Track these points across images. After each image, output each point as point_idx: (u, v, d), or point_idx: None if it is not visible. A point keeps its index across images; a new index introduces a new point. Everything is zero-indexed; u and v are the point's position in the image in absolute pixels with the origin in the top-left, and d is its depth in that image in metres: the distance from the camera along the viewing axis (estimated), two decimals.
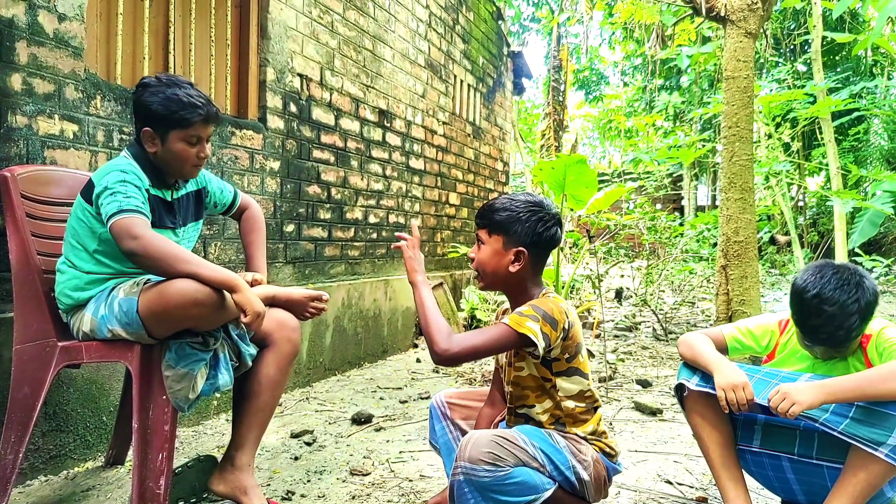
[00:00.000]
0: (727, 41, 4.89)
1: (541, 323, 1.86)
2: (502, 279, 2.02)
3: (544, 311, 1.89)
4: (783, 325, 2.20)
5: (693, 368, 2.13)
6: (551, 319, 1.88)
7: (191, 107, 2.17)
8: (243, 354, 2.26)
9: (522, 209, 1.98)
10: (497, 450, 1.79)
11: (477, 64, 7.39)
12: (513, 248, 1.97)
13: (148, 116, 2.18)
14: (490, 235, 2.00)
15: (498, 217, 1.98)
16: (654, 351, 5.59)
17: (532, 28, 22.30)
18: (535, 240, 1.98)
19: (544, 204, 2.02)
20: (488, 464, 1.77)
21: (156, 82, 2.19)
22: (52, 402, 2.59)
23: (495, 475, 1.77)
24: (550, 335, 1.87)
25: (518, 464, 1.81)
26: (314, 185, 4.38)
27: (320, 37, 4.39)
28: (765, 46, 13.54)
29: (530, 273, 2.02)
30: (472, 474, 1.78)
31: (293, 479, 2.64)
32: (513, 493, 1.79)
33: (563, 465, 1.89)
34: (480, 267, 2.03)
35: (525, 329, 1.84)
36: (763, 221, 12.83)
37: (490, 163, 7.87)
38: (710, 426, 2.10)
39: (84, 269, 2.18)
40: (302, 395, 4.01)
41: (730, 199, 4.83)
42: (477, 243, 2.05)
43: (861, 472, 1.85)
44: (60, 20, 2.64)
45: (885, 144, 13.33)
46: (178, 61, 3.41)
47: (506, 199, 2.02)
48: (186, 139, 2.20)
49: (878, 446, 1.79)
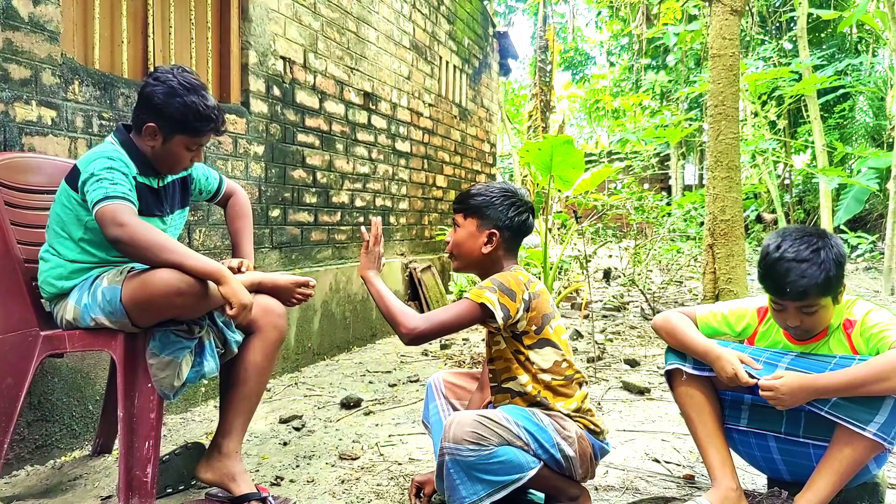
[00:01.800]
0: (713, 19, 4.87)
1: (498, 294, 1.94)
2: (476, 260, 2.12)
3: (501, 282, 1.98)
4: (762, 313, 2.14)
5: (684, 353, 2.12)
6: (508, 290, 1.96)
7: (206, 119, 2.16)
8: (229, 341, 2.25)
9: (497, 194, 2.11)
10: (481, 429, 1.83)
11: (462, 45, 7.34)
12: (486, 230, 2.09)
13: (158, 115, 2.13)
14: (465, 218, 2.12)
15: (473, 201, 2.12)
16: (642, 330, 5.62)
17: (518, 8, 22.16)
18: (508, 223, 2.09)
19: (518, 192, 2.15)
20: (472, 443, 1.80)
21: (174, 82, 2.12)
22: (36, 391, 2.57)
23: (479, 454, 1.80)
24: (509, 306, 1.94)
25: (502, 443, 1.84)
26: (299, 170, 4.35)
27: (303, 19, 4.34)
28: (750, 24, 13.52)
29: (503, 255, 2.12)
30: (456, 454, 1.81)
31: (282, 464, 2.64)
32: (498, 471, 1.82)
33: (548, 443, 1.92)
34: (456, 248, 2.15)
35: (483, 299, 1.93)
36: (750, 199, 12.88)
37: (477, 144, 7.85)
38: (699, 406, 2.11)
39: (68, 257, 2.15)
40: (291, 380, 4.00)
41: (716, 177, 4.84)
42: (453, 227, 2.17)
43: (846, 449, 1.87)
44: (35, 4, 2.58)
45: (870, 121, 13.38)
46: (158, 45, 3.36)
47: (482, 185, 2.16)
48: (189, 145, 2.20)
49: (866, 425, 1.81)
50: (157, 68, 2.21)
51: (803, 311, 1.92)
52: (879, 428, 1.80)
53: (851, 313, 1.99)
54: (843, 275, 1.92)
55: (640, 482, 2.45)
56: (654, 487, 2.40)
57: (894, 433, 1.82)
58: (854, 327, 1.97)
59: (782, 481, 2.18)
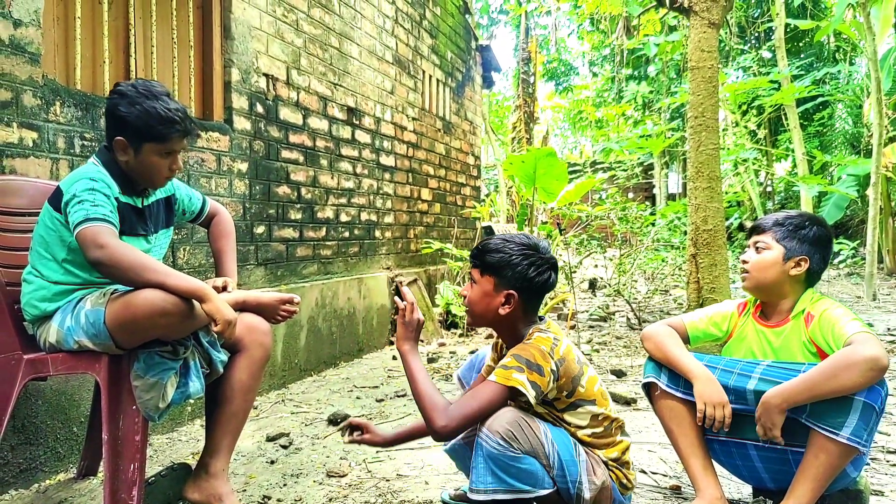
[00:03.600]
0: (691, 32, 4.93)
1: (526, 373, 1.86)
2: (491, 320, 2.03)
3: (527, 359, 1.88)
4: (741, 308, 2.30)
5: (660, 365, 2.17)
6: (536, 366, 1.87)
7: (169, 122, 2.14)
8: (214, 361, 2.24)
9: (516, 252, 1.97)
10: (517, 431, 1.82)
11: (445, 59, 7.38)
12: (503, 290, 1.98)
13: (122, 126, 2.13)
14: (482, 276, 2.01)
15: (490, 259, 1.99)
16: (627, 340, 5.65)
17: (501, 20, 22.33)
18: (527, 284, 1.98)
19: (539, 247, 2.01)
20: (504, 439, 1.80)
21: (133, 92, 2.14)
22: (20, 414, 2.55)
23: (505, 452, 1.80)
24: (539, 382, 1.87)
25: (531, 452, 1.83)
26: (284, 186, 4.35)
27: (285, 36, 4.35)
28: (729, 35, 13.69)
29: (521, 315, 2.02)
30: (486, 441, 1.81)
31: (269, 483, 2.63)
32: (515, 475, 1.81)
33: (571, 477, 1.88)
34: (471, 306, 2.04)
35: (513, 382, 1.85)
36: (732, 208, 13.01)
37: (461, 157, 7.88)
38: (678, 417, 2.14)
39: (52, 279, 2.14)
40: (277, 397, 3.99)
41: (697, 188, 4.88)
42: (469, 281, 2.06)
43: (822, 454, 1.90)
44: (16, 26, 2.58)
45: (849, 129, 13.56)
46: (140, 64, 3.36)
47: (500, 240, 2.02)
48: (161, 153, 2.18)
49: (839, 429, 1.85)
50: (119, 83, 2.20)
51: (756, 246, 2.17)
52: (851, 431, 1.85)
53: (813, 308, 2.10)
54: (807, 248, 2.11)
55: None
56: (640, 499, 2.41)
57: (867, 435, 1.87)
58: (813, 321, 2.07)
59: (766, 490, 2.21)
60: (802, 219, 2.15)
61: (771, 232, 2.15)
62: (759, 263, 2.15)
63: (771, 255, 2.13)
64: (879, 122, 8.18)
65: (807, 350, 2.07)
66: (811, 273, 2.13)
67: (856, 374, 1.82)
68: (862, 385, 1.83)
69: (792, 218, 2.16)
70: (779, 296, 2.16)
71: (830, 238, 2.17)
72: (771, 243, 2.14)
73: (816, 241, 2.12)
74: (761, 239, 2.16)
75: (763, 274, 2.14)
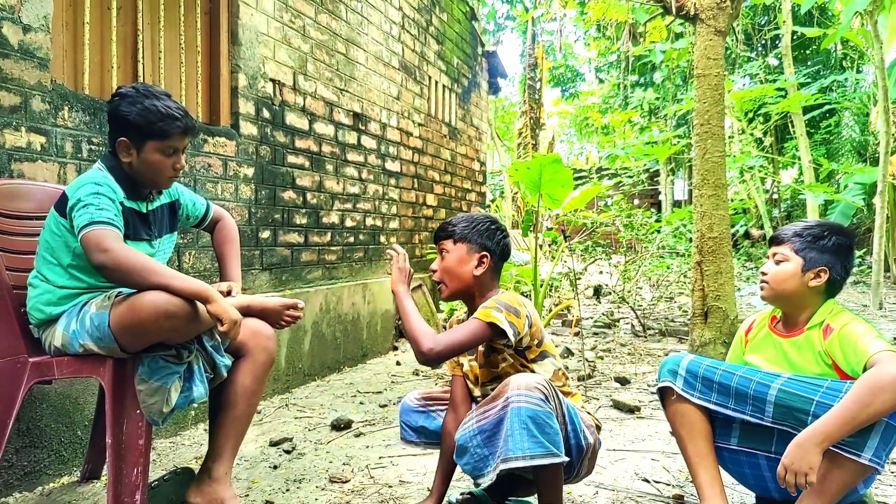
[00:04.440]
0: (697, 39, 4.93)
1: (504, 313, 2.04)
2: (466, 284, 2.21)
3: (505, 302, 2.08)
4: (749, 327, 2.32)
5: (676, 371, 2.14)
6: (513, 309, 2.06)
7: (170, 118, 2.17)
8: (218, 366, 2.25)
9: (481, 220, 2.24)
10: (549, 390, 1.92)
11: (451, 65, 7.40)
12: (476, 253, 2.19)
13: (125, 126, 2.16)
14: (455, 244, 2.21)
15: (461, 227, 2.21)
16: (632, 348, 5.64)
17: (507, 26, 22.36)
18: (494, 247, 2.21)
19: (496, 219, 2.30)
20: (542, 395, 1.88)
21: (133, 92, 2.18)
22: (24, 417, 2.56)
23: (544, 409, 1.87)
24: (516, 323, 2.04)
25: (558, 414, 1.93)
26: (289, 191, 4.37)
27: (292, 41, 4.37)
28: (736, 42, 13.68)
29: (490, 278, 2.23)
30: (526, 400, 1.85)
31: (272, 488, 2.63)
32: (549, 434, 1.86)
33: (579, 427, 2.03)
34: (446, 274, 2.23)
35: (492, 318, 2.01)
36: (738, 215, 12.97)
37: (467, 163, 7.89)
38: (690, 425, 2.12)
39: (57, 283, 2.16)
40: (281, 401, 3.99)
41: (703, 195, 4.88)
42: (439, 255, 2.25)
43: (836, 471, 1.87)
44: (25, 31, 2.60)
45: (855, 136, 13.53)
46: (148, 70, 3.38)
47: (462, 215, 2.26)
48: (163, 150, 2.19)
49: (862, 451, 1.82)
50: (120, 86, 2.23)
51: (774, 258, 2.15)
52: (874, 453, 1.82)
53: (834, 320, 2.06)
54: (826, 258, 2.09)
55: (629, 502, 2.45)
56: None
57: (885, 455, 1.84)
58: (832, 334, 2.03)
59: (771, 499, 2.19)
60: (822, 229, 2.13)
61: (789, 243, 2.13)
62: (777, 275, 2.13)
63: (789, 267, 2.11)
64: (886, 131, 8.16)
65: (822, 362, 2.04)
66: (832, 283, 2.10)
67: (889, 396, 1.76)
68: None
69: (811, 228, 2.14)
70: (798, 307, 2.14)
71: (852, 246, 2.14)
72: (789, 255, 2.12)
73: (836, 251, 2.09)
74: (779, 250, 2.15)
75: (781, 286, 2.12)
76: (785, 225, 2.29)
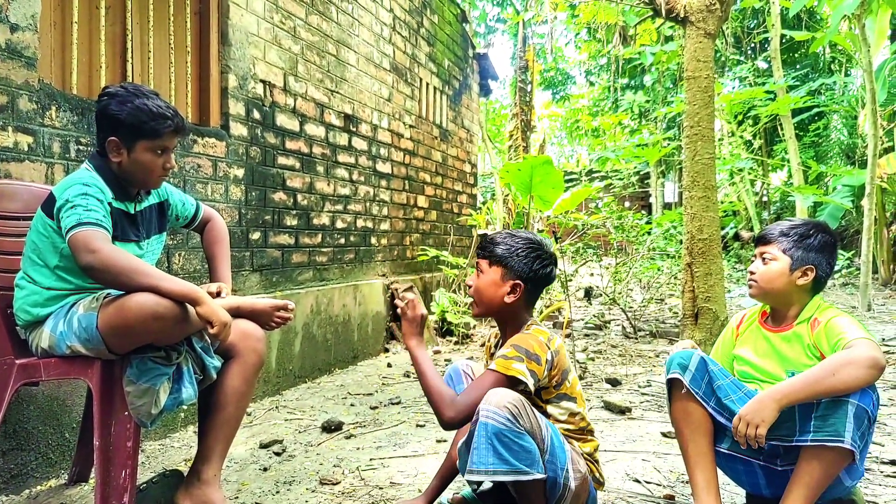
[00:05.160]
0: (687, 42, 4.96)
1: (526, 362, 1.98)
2: (496, 308, 2.14)
3: (526, 349, 2.00)
4: (740, 321, 2.36)
5: (686, 365, 2.14)
6: (534, 356, 2.00)
7: (161, 118, 2.16)
8: (207, 367, 2.23)
9: (522, 245, 2.12)
10: (520, 408, 1.87)
11: (443, 66, 7.40)
12: (510, 280, 2.10)
13: (115, 126, 2.14)
14: (490, 266, 2.13)
15: (499, 250, 2.13)
16: (623, 349, 5.64)
17: (498, 28, 22.39)
18: (532, 276, 2.12)
19: (543, 244, 2.17)
20: (511, 414, 1.83)
21: (122, 92, 2.16)
22: (11, 420, 2.54)
23: (512, 428, 1.83)
24: (537, 371, 1.99)
25: (529, 431, 1.87)
26: (280, 192, 4.35)
27: (283, 42, 4.36)
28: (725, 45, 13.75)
29: (523, 306, 2.15)
30: (492, 417, 1.83)
31: (262, 490, 2.61)
32: (516, 454, 1.83)
33: (560, 464, 1.94)
34: (477, 294, 2.16)
35: (513, 371, 1.96)
36: (728, 217, 13.04)
37: (458, 165, 7.89)
38: (695, 423, 2.11)
39: (44, 284, 2.14)
40: (271, 403, 3.97)
41: (693, 197, 4.90)
42: (476, 271, 2.18)
43: (815, 462, 1.91)
44: (13, 31, 2.58)
45: (844, 139, 13.62)
46: (137, 69, 3.36)
47: (507, 234, 2.17)
48: (154, 150, 2.18)
49: (843, 436, 1.85)
50: (107, 86, 2.21)
51: (762, 257, 2.19)
52: (851, 437, 1.86)
53: (821, 315, 2.12)
54: (813, 257, 2.13)
55: (620, 503, 2.45)
56: None
57: (861, 441, 1.89)
58: (818, 327, 2.09)
59: (761, 497, 2.20)
60: (807, 227, 2.18)
61: (777, 243, 2.17)
62: (765, 274, 2.18)
63: (777, 266, 2.16)
64: (874, 133, 8.22)
65: (811, 354, 2.09)
66: (818, 280, 2.16)
67: (854, 371, 1.84)
68: (861, 382, 1.84)
69: (797, 227, 2.18)
70: (786, 303, 2.19)
71: (836, 243, 2.21)
72: (777, 254, 2.16)
73: (822, 250, 2.15)
74: (767, 250, 2.19)
75: (770, 284, 2.17)
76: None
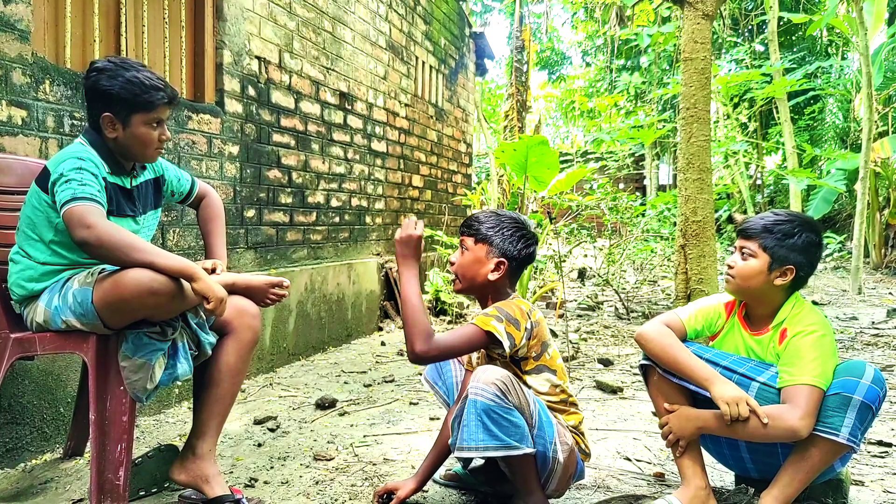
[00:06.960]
0: (685, 23, 4.93)
1: (504, 323, 2.00)
2: (479, 285, 2.16)
3: (507, 312, 2.03)
4: (729, 308, 2.24)
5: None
6: (514, 320, 2.02)
7: (154, 89, 2.14)
8: (202, 343, 2.24)
9: (507, 224, 2.14)
10: (509, 385, 1.90)
11: (439, 45, 7.35)
12: (495, 258, 2.12)
13: (108, 101, 2.12)
14: (475, 243, 2.14)
15: (485, 227, 2.14)
16: (615, 330, 5.68)
17: (494, 8, 22.22)
18: (515, 254, 2.13)
19: (526, 223, 2.20)
20: (499, 390, 1.87)
21: (111, 66, 2.13)
22: (6, 394, 2.54)
23: (500, 404, 1.86)
24: (514, 335, 2.00)
25: (518, 407, 1.90)
26: (275, 170, 4.34)
27: (278, 18, 4.32)
28: (723, 27, 13.69)
29: (506, 283, 2.17)
30: (481, 394, 1.86)
31: (256, 465, 2.64)
32: (505, 429, 1.87)
33: (548, 438, 1.97)
34: (461, 271, 2.17)
35: (490, 327, 1.98)
36: (722, 200, 13.07)
37: (453, 144, 7.87)
38: (673, 403, 2.15)
39: (39, 259, 2.13)
40: (266, 380, 3.99)
41: (688, 179, 4.90)
42: (460, 249, 2.18)
43: (813, 450, 1.92)
44: (6, 3, 2.55)
45: (839, 123, 13.63)
46: (131, 44, 3.33)
47: (492, 212, 2.18)
48: (149, 122, 2.17)
49: (839, 430, 1.86)
50: (94, 61, 2.19)
51: (742, 251, 2.10)
52: (850, 431, 1.86)
53: (791, 322, 2.04)
54: (794, 257, 2.04)
55: (611, 480, 2.49)
56: (625, 485, 2.44)
57: (860, 434, 1.89)
58: (785, 340, 2.03)
59: (749, 478, 2.23)
60: (792, 225, 2.05)
61: (759, 239, 2.06)
62: (743, 271, 2.08)
63: (756, 264, 2.06)
64: (869, 117, 8.23)
65: (777, 361, 2.05)
66: (798, 279, 2.07)
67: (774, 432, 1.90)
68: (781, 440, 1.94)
69: (782, 224, 2.05)
70: (762, 302, 2.11)
71: (820, 242, 2.10)
72: (757, 251, 2.06)
73: (805, 250, 2.04)
74: (748, 245, 2.08)
75: (747, 282, 2.08)
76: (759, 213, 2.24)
